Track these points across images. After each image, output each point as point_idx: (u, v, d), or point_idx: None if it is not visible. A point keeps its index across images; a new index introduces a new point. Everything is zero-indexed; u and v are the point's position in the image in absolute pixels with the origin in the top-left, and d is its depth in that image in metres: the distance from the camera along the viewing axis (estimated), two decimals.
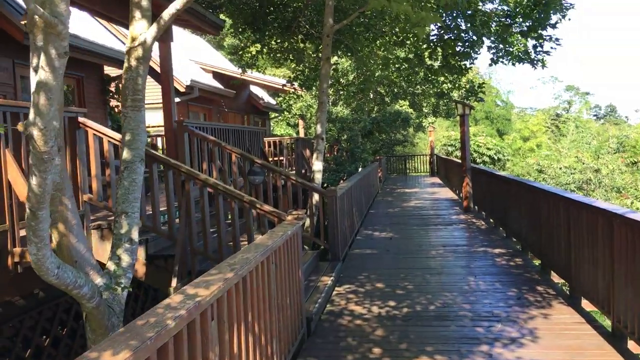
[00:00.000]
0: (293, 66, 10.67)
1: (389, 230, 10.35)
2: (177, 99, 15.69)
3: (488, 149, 29.05)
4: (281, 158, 15.38)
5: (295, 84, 10.87)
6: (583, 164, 17.66)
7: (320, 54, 8.83)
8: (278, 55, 9.63)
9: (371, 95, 19.61)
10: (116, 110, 12.14)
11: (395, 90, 18.21)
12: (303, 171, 14.11)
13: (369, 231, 10.34)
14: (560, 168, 17.29)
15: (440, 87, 12.85)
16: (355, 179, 10.34)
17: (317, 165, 8.41)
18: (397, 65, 11.33)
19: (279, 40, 9.45)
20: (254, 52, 9.52)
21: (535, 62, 8.08)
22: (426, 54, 9.33)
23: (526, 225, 7.51)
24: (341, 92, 15.78)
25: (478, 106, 33.86)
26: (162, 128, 8.53)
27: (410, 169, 30.79)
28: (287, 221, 4.64)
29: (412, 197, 16.62)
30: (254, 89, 22.87)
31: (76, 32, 9.12)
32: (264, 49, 9.45)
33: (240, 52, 9.63)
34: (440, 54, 8.92)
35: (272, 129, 30.36)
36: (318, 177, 8.35)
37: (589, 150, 27.88)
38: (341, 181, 15.43)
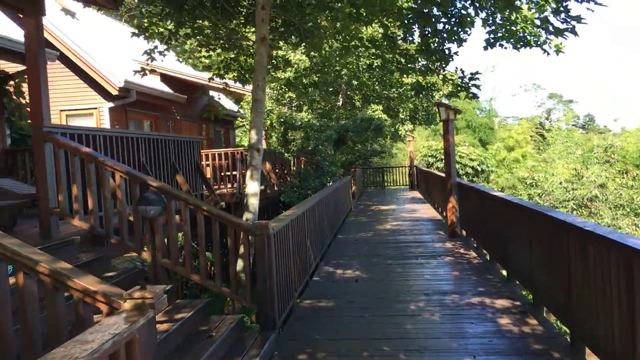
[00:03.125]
0: (222, 56, 8.13)
1: (357, 266, 8.10)
2: (110, 104, 13.35)
3: (471, 159, 27.17)
4: (234, 173, 13.12)
5: (228, 80, 8.40)
6: (582, 177, 15.54)
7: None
8: (205, 37, 7.17)
9: (340, 100, 17.30)
10: (17, 115, 9.74)
11: (368, 93, 15.96)
12: (262, 187, 11.86)
13: (331, 267, 8.08)
14: (561, 183, 15.11)
15: (416, 78, 10.60)
16: (313, 201, 8.08)
17: (252, 186, 6.11)
18: (361, 51, 9.02)
19: (209, 24, 7.07)
20: (163, 31, 7.03)
21: (560, 32, 5.69)
22: (399, 33, 7.07)
23: (541, 270, 5.31)
24: (303, 94, 13.48)
25: (461, 108, 32.37)
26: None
27: (388, 181, 28.67)
28: (124, 311, 2.37)
29: (388, 216, 14.40)
30: (215, 94, 20.53)
31: None
32: (179, 29, 6.97)
33: (145, 32, 7.17)
34: (418, 32, 6.64)
35: (239, 139, 27.81)
36: (253, 202, 6.03)
37: (577, 161, 26.07)
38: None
